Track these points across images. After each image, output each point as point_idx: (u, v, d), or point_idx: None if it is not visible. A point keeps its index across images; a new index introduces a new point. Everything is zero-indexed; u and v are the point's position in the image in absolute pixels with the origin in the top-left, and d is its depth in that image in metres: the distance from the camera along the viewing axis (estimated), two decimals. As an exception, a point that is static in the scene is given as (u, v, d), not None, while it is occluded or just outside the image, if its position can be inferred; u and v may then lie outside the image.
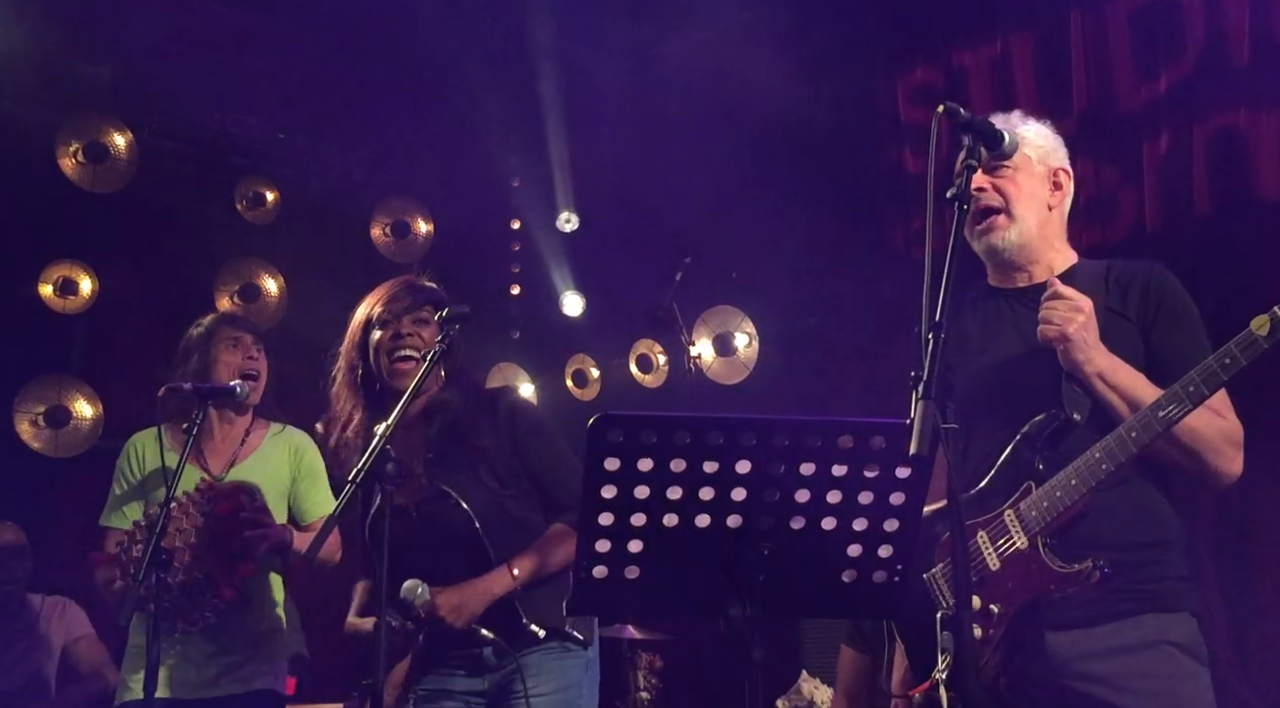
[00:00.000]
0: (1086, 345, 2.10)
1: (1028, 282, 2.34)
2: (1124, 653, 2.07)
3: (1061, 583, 2.03)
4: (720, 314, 5.87)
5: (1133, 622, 2.09)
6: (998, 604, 2.09)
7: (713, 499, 1.72)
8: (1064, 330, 2.10)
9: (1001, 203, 2.29)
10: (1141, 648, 2.07)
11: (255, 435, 3.40)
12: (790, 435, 1.70)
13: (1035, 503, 2.09)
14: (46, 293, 5.74)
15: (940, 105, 1.88)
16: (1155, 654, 2.07)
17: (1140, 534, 2.14)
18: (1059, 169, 2.37)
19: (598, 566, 1.76)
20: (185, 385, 3.15)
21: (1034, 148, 2.34)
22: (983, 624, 2.10)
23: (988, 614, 2.11)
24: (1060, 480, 2.07)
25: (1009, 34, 5.16)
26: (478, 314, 2.72)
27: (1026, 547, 2.07)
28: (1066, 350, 2.11)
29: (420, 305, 2.84)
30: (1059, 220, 2.38)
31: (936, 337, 1.68)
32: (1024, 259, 2.33)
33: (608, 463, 1.69)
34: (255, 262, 6.18)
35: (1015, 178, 2.30)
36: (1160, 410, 2.00)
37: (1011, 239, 2.29)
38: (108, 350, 5.82)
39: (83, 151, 5.67)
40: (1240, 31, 4.43)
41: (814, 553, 1.78)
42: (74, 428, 5.57)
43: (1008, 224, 2.29)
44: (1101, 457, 2.04)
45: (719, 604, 1.78)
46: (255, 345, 3.40)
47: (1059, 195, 2.36)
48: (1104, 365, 2.11)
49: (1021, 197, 2.29)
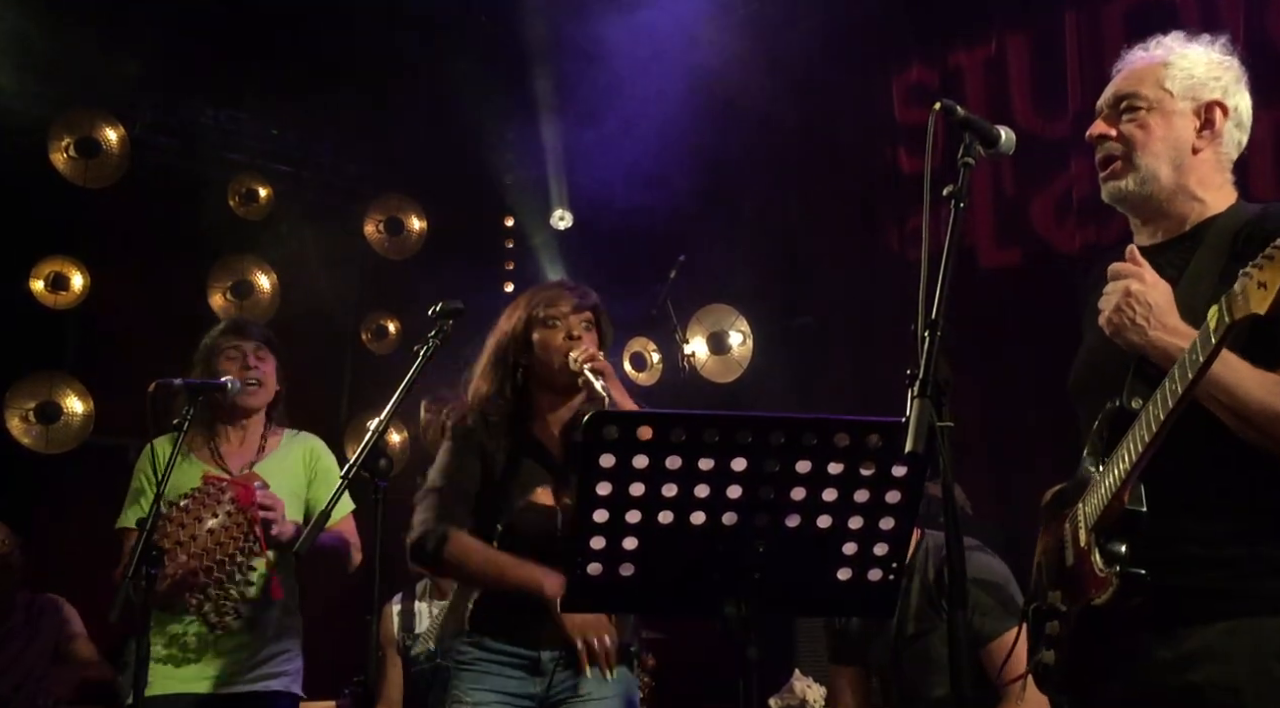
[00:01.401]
0: (1139, 327, 1.85)
1: (1161, 238, 2.06)
2: (1210, 663, 1.82)
3: (1098, 588, 1.83)
4: (714, 312, 5.86)
5: (1224, 626, 1.83)
6: (1068, 602, 1.94)
7: (708, 497, 1.72)
8: (1106, 316, 1.89)
9: (1121, 150, 2.05)
10: (1233, 658, 1.81)
11: (272, 440, 3.43)
12: (786, 433, 1.69)
13: (1091, 499, 1.92)
14: (38, 288, 5.73)
15: (937, 102, 1.86)
16: (1245, 665, 1.81)
17: (1231, 527, 1.86)
18: (1212, 103, 2.05)
19: (592, 563, 1.76)
20: (175, 382, 3.15)
21: (1180, 81, 2.05)
22: (1061, 621, 1.95)
23: (1060, 613, 1.95)
24: (1105, 476, 1.88)
25: (1004, 34, 5.17)
26: (473, 312, 2.72)
27: (1085, 545, 1.90)
28: (1119, 337, 1.89)
29: (584, 310, 2.86)
30: (1210, 163, 2.06)
31: (932, 335, 1.67)
32: (1153, 211, 2.06)
33: (603, 460, 1.69)
34: (249, 258, 6.17)
35: (1146, 120, 2.04)
36: (1192, 352, 1.72)
37: (1131, 188, 2.03)
38: (99, 346, 5.81)
39: (75, 146, 5.65)
40: (1234, 30, 4.44)
41: (809, 551, 1.78)
42: (65, 424, 5.55)
43: (1126, 172, 2.04)
44: (1124, 452, 1.83)
45: (714, 602, 1.78)
46: (256, 352, 3.39)
47: (1209, 134, 2.04)
48: (1170, 345, 1.82)
49: (1151, 141, 2.02)
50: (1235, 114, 2.09)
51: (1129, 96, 2.08)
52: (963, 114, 1.88)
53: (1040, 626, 2.01)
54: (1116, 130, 2.07)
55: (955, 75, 5.32)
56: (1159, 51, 2.12)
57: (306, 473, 3.41)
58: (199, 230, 6.13)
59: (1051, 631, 1.97)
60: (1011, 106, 5.10)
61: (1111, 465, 1.88)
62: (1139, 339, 1.87)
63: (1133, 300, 1.87)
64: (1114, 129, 2.07)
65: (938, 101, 1.87)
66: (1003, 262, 5.15)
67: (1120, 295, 1.88)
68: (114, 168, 5.73)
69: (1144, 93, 2.07)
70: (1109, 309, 1.90)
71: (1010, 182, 5.14)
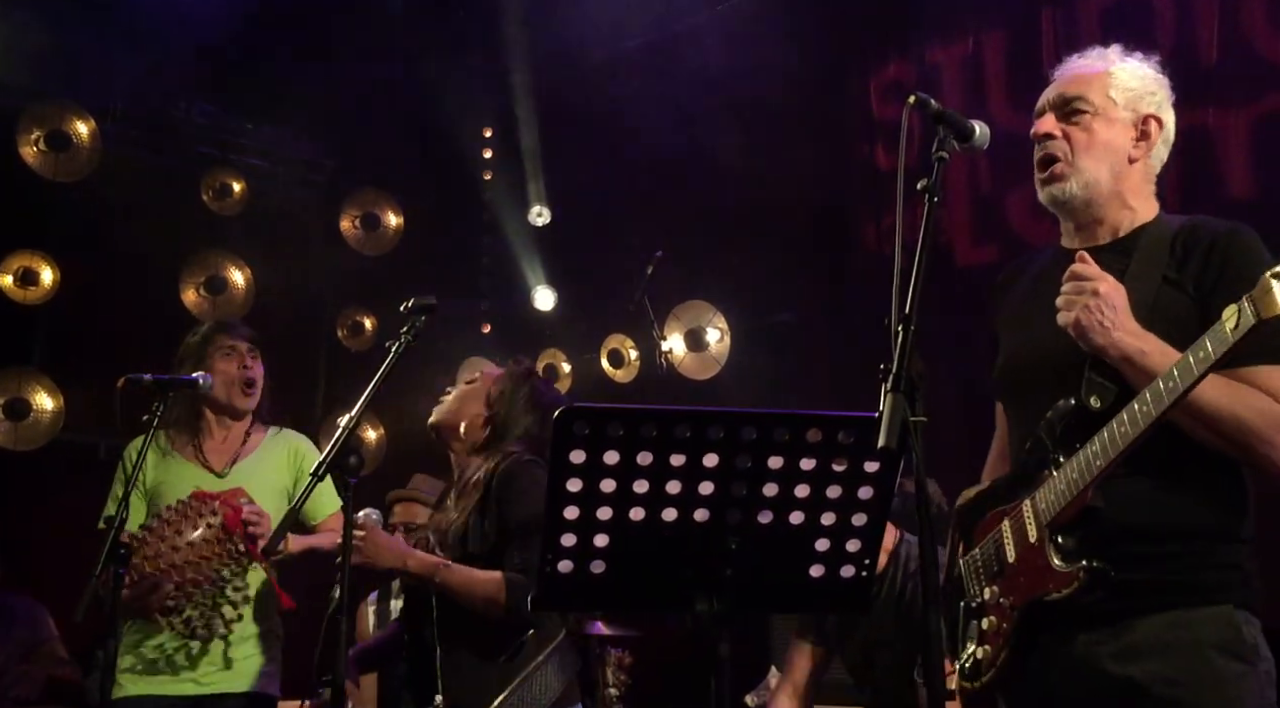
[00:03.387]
0: (1105, 329, 1.89)
1: (1093, 242, 2.11)
2: (1150, 655, 1.87)
3: (1058, 583, 1.87)
4: (692, 309, 5.85)
5: (1159, 619, 1.88)
6: (1008, 598, 1.96)
7: (680, 493, 1.71)
8: (1073, 316, 1.92)
9: (1065, 152, 2.08)
10: (1172, 650, 1.86)
11: (255, 438, 3.43)
12: (758, 429, 1.68)
13: (1044, 495, 1.94)
14: (6, 283, 5.65)
15: (911, 97, 1.85)
16: (1185, 657, 1.86)
17: (1170, 523, 1.91)
18: (1149, 116, 2.11)
19: (563, 560, 1.74)
20: (145, 377, 3.11)
21: (1123, 91, 2.10)
22: (996, 617, 1.98)
23: (999, 608, 1.97)
24: (1065, 472, 1.91)
25: (981, 31, 5.18)
26: (448, 308, 2.70)
27: (1036, 541, 1.93)
28: (1080, 337, 1.92)
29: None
30: (1141, 173, 2.12)
31: (905, 330, 1.66)
32: (1089, 215, 2.10)
33: (573, 456, 1.67)
34: (222, 253, 6.10)
35: (1091, 124, 2.08)
36: (1169, 380, 1.77)
37: (1073, 191, 2.08)
38: (69, 342, 5.74)
39: (44, 140, 5.58)
40: (1210, 30, 4.46)
41: (782, 548, 1.77)
42: (34, 421, 5.48)
43: (1068, 174, 2.08)
44: (1099, 447, 1.86)
45: (686, 600, 1.77)
46: (251, 353, 3.42)
47: (1144, 146, 2.10)
48: (1131, 348, 1.88)
49: (1093, 146, 2.08)
50: (1166, 130, 2.15)
51: (1076, 99, 2.12)
52: (936, 108, 1.88)
53: (971, 621, 2.03)
54: (1061, 130, 2.11)
55: (933, 72, 5.33)
56: (1100, 62, 2.16)
57: (292, 472, 3.40)
58: (171, 225, 6.07)
59: (988, 627, 2.00)
60: (988, 103, 5.12)
61: (1075, 462, 1.90)
62: (1103, 341, 1.91)
63: (1100, 303, 1.91)
64: (1059, 129, 2.12)
65: (912, 95, 1.86)
66: (979, 258, 5.17)
67: (1090, 297, 1.92)
68: (85, 162, 5.66)
69: (1091, 98, 2.12)
70: (1076, 310, 1.92)
71: (987, 178, 5.15)
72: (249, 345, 3.43)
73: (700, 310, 5.84)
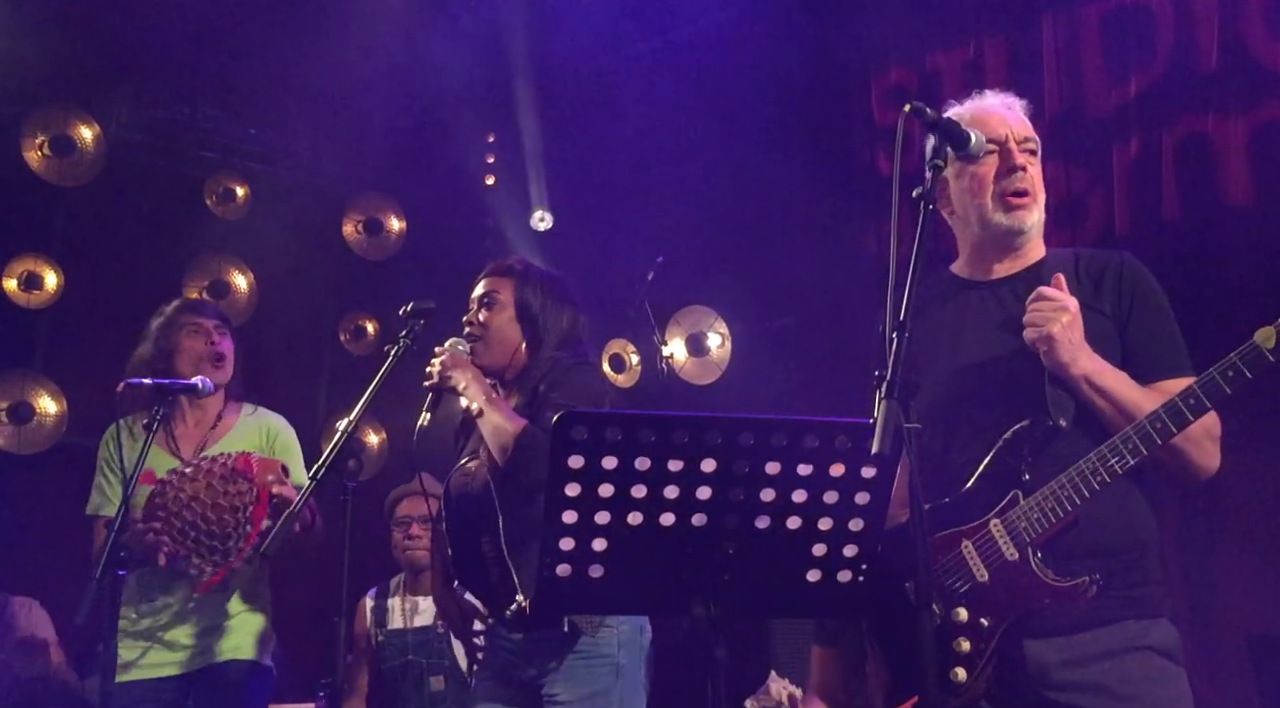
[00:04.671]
0: (1071, 346, 2.03)
1: (1004, 273, 2.27)
2: (1105, 659, 2.01)
3: (1056, 597, 1.97)
4: (693, 314, 5.86)
5: (1116, 628, 2.03)
6: (988, 618, 2.02)
7: (678, 498, 1.71)
8: (1048, 331, 2.03)
9: (1033, 186, 2.23)
10: (1122, 653, 2.02)
11: (227, 419, 3.38)
12: (755, 434, 1.69)
13: (1025, 514, 2.01)
14: (11, 287, 5.66)
15: (907, 105, 1.86)
16: (1136, 660, 2.02)
17: (1124, 538, 2.08)
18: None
19: (561, 564, 1.75)
20: (145, 382, 3.11)
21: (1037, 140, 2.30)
22: (972, 638, 2.03)
23: (977, 628, 2.03)
24: (1052, 491, 2.00)
25: (981, 37, 5.19)
26: (450, 312, 2.71)
27: (1017, 559, 2.00)
28: (1050, 352, 2.04)
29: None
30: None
31: (900, 336, 1.67)
32: (1015, 247, 2.26)
33: (572, 461, 1.68)
34: (225, 258, 6.12)
35: (1037, 169, 2.26)
36: (1157, 422, 1.94)
37: (1032, 223, 2.23)
38: (73, 346, 5.74)
39: (49, 144, 5.59)
40: (1209, 37, 4.47)
41: (779, 553, 1.78)
42: (38, 424, 5.49)
43: (1034, 208, 2.23)
44: (1097, 467, 1.97)
45: (683, 604, 1.78)
46: (218, 329, 3.37)
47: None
48: (1089, 367, 2.04)
49: (1041, 187, 2.26)
50: None
51: (1032, 141, 2.28)
52: (933, 116, 1.89)
53: (945, 644, 2.06)
54: (1027, 167, 2.24)
55: (933, 78, 5.34)
56: (1019, 105, 2.37)
57: (264, 451, 3.35)
58: (175, 230, 6.09)
59: (960, 648, 2.04)
60: (989, 110, 5.12)
61: (1063, 482, 1.99)
62: (1068, 357, 2.04)
63: (1073, 321, 2.04)
64: (1028, 165, 2.24)
65: (909, 102, 1.87)
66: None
67: (1066, 315, 2.04)
68: (89, 166, 5.67)
69: (1036, 139, 2.28)
70: (1053, 326, 2.03)
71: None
72: (216, 322, 3.38)
73: (701, 315, 5.85)
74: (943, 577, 2.08)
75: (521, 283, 2.89)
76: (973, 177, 2.22)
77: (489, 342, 2.83)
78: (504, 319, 2.85)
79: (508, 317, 2.85)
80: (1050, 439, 2.04)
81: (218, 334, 3.35)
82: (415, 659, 4.24)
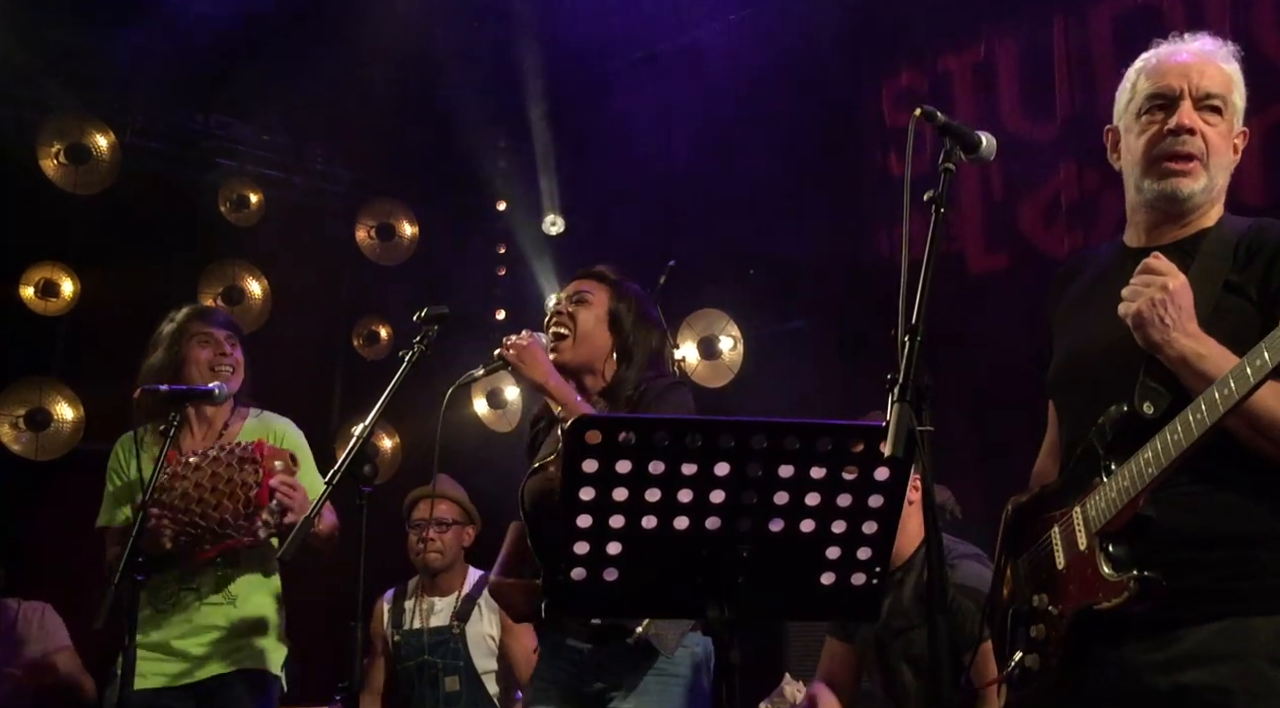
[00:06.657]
0: (1164, 326, 1.82)
1: (1161, 241, 2.03)
2: (1199, 665, 1.81)
3: (1108, 593, 1.83)
4: (705, 317, 5.86)
5: (1209, 628, 1.82)
6: (1058, 606, 1.92)
7: (691, 501, 1.72)
8: (1136, 307, 1.85)
9: (1202, 152, 1.98)
10: (1223, 660, 1.80)
11: (235, 426, 3.35)
12: (769, 438, 1.70)
13: (1095, 502, 1.89)
14: (27, 295, 5.71)
15: (918, 108, 1.86)
16: (1235, 667, 1.79)
17: (1220, 529, 1.85)
18: (1244, 131, 2.08)
19: (576, 568, 1.76)
20: (161, 388, 3.11)
21: (1240, 96, 2.05)
22: (1045, 625, 1.93)
23: (1047, 615, 1.93)
24: (1117, 480, 1.85)
25: (993, 38, 5.19)
26: (464, 317, 2.72)
27: (1086, 549, 1.89)
28: (1140, 330, 1.85)
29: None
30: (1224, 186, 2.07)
31: (912, 339, 1.67)
32: (1182, 216, 2.03)
33: (586, 465, 1.69)
34: (239, 264, 6.16)
35: (1222, 129, 2.01)
36: (1224, 387, 1.70)
37: (1196, 191, 1.99)
38: (89, 353, 5.78)
39: (64, 153, 5.64)
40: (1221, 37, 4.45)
41: (792, 555, 1.78)
42: (55, 431, 5.53)
43: (1198, 174, 1.98)
44: (1152, 455, 1.80)
45: (697, 607, 1.78)
46: (229, 340, 3.34)
47: (1235, 160, 2.07)
48: (1188, 349, 1.81)
49: (1222, 153, 2.01)
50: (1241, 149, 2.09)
51: (1218, 98, 2.02)
52: (943, 120, 1.89)
53: (1020, 629, 2.00)
54: (1201, 131, 2.00)
55: (944, 79, 5.34)
56: (1226, 61, 2.08)
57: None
58: (190, 236, 6.12)
59: (1036, 634, 1.96)
60: (1000, 111, 5.12)
61: (1127, 470, 1.85)
62: (1160, 338, 1.84)
63: (1167, 299, 1.84)
64: (1199, 125, 2.00)
65: (919, 107, 1.87)
66: (991, 266, 5.17)
67: (1157, 290, 1.85)
68: (104, 174, 5.72)
69: (1232, 101, 2.03)
70: (1140, 301, 1.85)
71: (999, 186, 5.16)
72: (227, 333, 3.33)
73: (713, 319, 5.85)
74: (1032, 560, 2.02)
75: (616, 293, 2.83)
76: (1138, 134, 2.02)
77: (577, 338, 2.76)
78: (594, 320, 2.79)
79: (598, 317, 2.79)
80: (1137, 427, 1.85)
81: (229, 345, 3.33)
82: (431, 659, 4.26)
